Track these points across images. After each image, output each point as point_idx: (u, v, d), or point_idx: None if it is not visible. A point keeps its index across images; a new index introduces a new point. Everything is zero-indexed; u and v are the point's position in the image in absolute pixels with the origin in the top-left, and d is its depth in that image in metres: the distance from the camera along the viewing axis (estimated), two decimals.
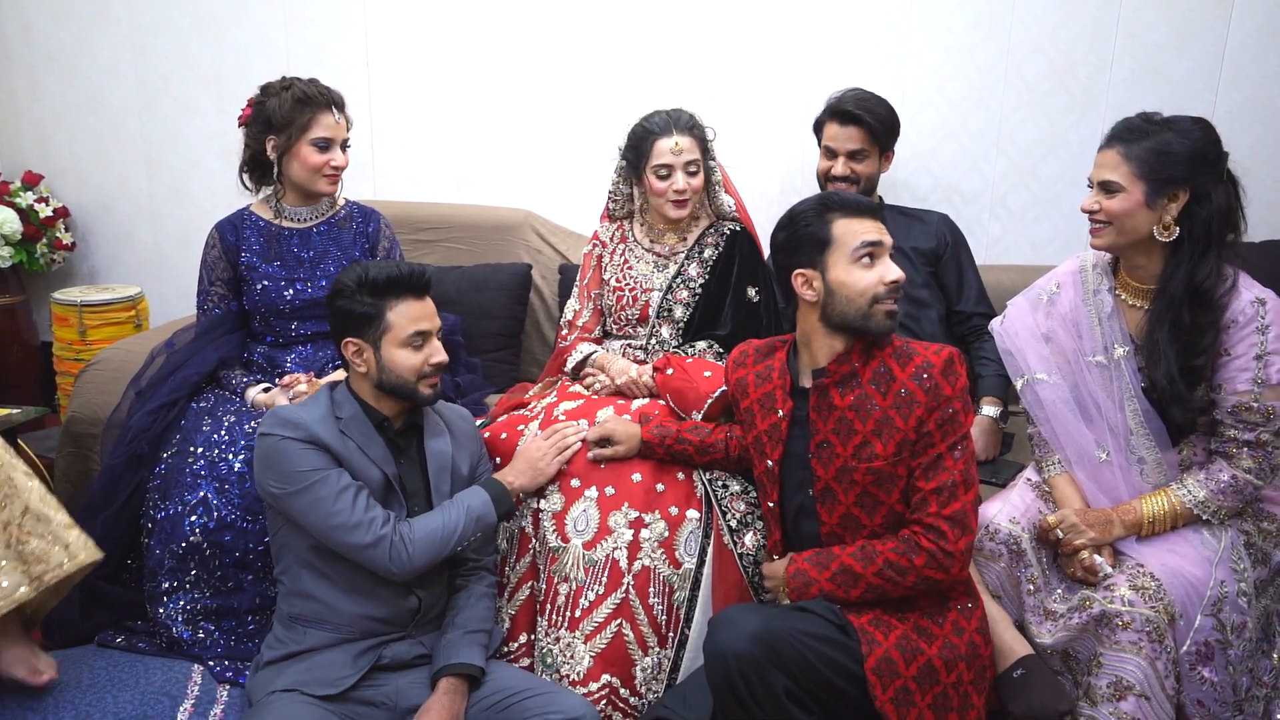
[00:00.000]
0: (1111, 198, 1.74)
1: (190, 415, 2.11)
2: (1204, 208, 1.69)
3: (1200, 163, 1.69)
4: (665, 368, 2.14)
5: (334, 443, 1.70)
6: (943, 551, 1.58)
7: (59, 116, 3.29)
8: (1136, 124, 1.74)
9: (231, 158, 3.09)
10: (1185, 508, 1.74)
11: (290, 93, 2.18)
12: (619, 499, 1.92)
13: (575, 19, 2.90)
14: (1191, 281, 1.70)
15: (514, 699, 1.70)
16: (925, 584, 1.60)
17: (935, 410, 1.59)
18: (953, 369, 1.61)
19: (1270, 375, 1.66)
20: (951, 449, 1.60)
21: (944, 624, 1.63)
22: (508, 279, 2.75)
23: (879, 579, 1.60)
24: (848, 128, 2.42)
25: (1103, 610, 1.67)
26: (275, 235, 2.26)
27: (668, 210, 2.23)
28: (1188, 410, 1.73)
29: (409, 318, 1.72)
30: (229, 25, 3.11)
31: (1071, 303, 1.87)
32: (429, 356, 1.73)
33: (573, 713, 1.66)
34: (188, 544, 1.92)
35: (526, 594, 1.96)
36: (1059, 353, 1.87)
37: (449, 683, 1.68)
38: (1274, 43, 2.51)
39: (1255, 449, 1.70)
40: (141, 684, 1.76)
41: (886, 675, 1.55)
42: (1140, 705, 1.62)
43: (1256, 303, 1.69)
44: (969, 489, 1.60)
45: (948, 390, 1.60)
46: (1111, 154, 1.74)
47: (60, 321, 2.90)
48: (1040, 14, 2.62)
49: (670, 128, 2.19)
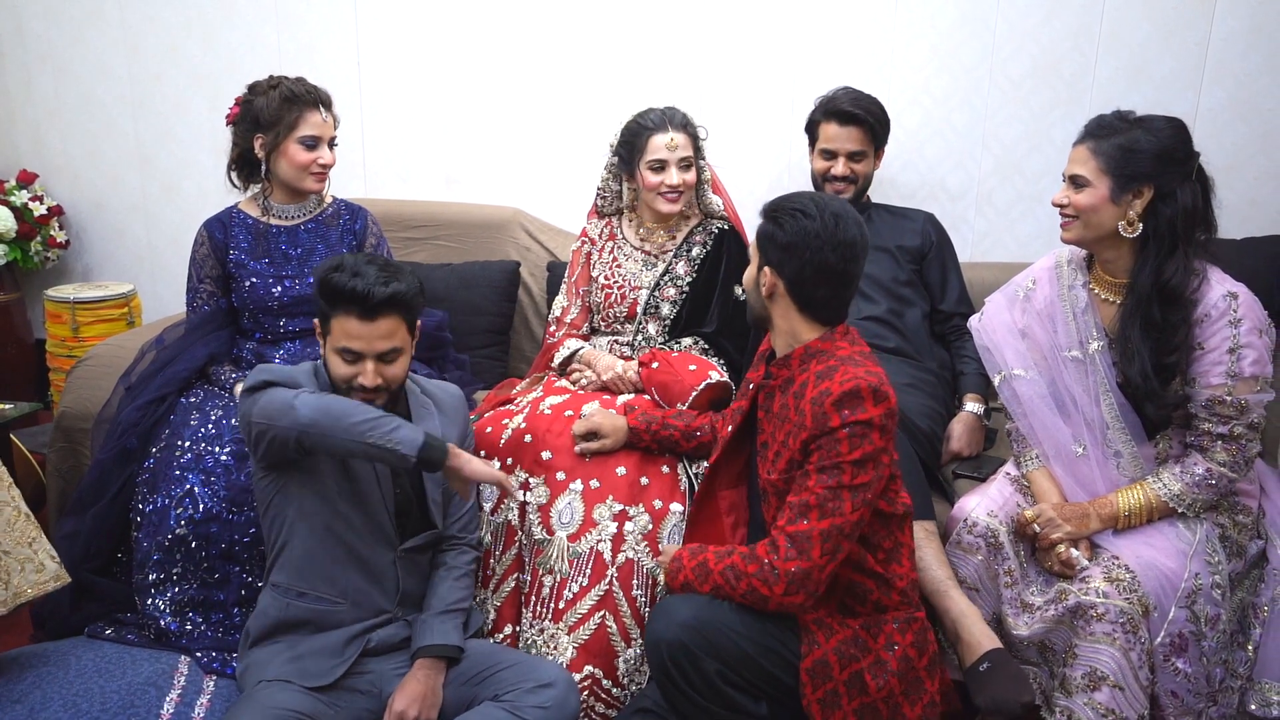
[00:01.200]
0: (1079, 192, 1.76)
1: (179, 410, 2.13)
2: (1169, 206, 1.71)
3: (1167, 161, 1.71)
4: (650, 362, 2.16)
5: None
6: (770, 566, 1.54)
7: (52, 115, 3.31)
8: (1109, 121, 1.76)
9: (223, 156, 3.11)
10: (1161, 501, 1.76)
11: (278, 91, 2.20)
12: (603, 492, 1.94)
13: (564, 19, 2.92)
14: (1159, 279, 1.72)
15: (490, 670, 1.73)
16: (753, 596, 1.55)
17: (818, 437, 1.55)
18: (851, 402, 1.52)
19: (1243, 368, 1.68)
20: (820, 470, 1.53)
21: (879, 637, 1.61)
22: (496, 276, 2.77)
23: (721, 578, 1.58)
24: (847, 128, 2.43)
25: (1078, 602, 1.69)
26: (263, 233, 2.28)
27: (659, 205, 2.25)
28: (1162, 406, 1.74)
29: (344, 331, 1.69)
30: (220, 25, 3.13)
31: (1047, 298, 1.89)
32: (356, 375, 1.70)
33: (544, 678, 1.69)
34: (174, 536, 1.94)
35: (511, 586, 1.98)
36: (1035, 348, 1.89)
37: (426, 661, 1.72)
38: (1256, 41, 2.52)
39: (1229, 442, 1.72)
40: (129, 674, 1.77)
41: (819, 677, 1.56)
42: (1114, 696, 1.64)
43: (1228, 297, 1.70)
44: (824, 518, 1.52)
45: (834, 421, 1.53)
46: (1082, 149, 1.77)
47: (54, 318, 2.93)
48: (1024, 12, 2.63)
49: (666, 124, 2.21)
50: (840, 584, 1.62)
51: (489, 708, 1.67)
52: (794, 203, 1.63)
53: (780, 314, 1.65)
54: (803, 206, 1.61)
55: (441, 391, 1.92)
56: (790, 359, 1.65)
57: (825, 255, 1.58)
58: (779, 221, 1.62)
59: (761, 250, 1.65)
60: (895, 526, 1.65)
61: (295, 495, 1.73)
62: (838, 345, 1.62)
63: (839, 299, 1.64)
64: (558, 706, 1.67)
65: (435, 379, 2.02)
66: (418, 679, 1.70)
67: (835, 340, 1.63)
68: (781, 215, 1.62)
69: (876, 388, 1.53)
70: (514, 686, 1.68)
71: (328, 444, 1.63)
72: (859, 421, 1.51)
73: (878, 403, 1.53)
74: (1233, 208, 2.60)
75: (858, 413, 1.52)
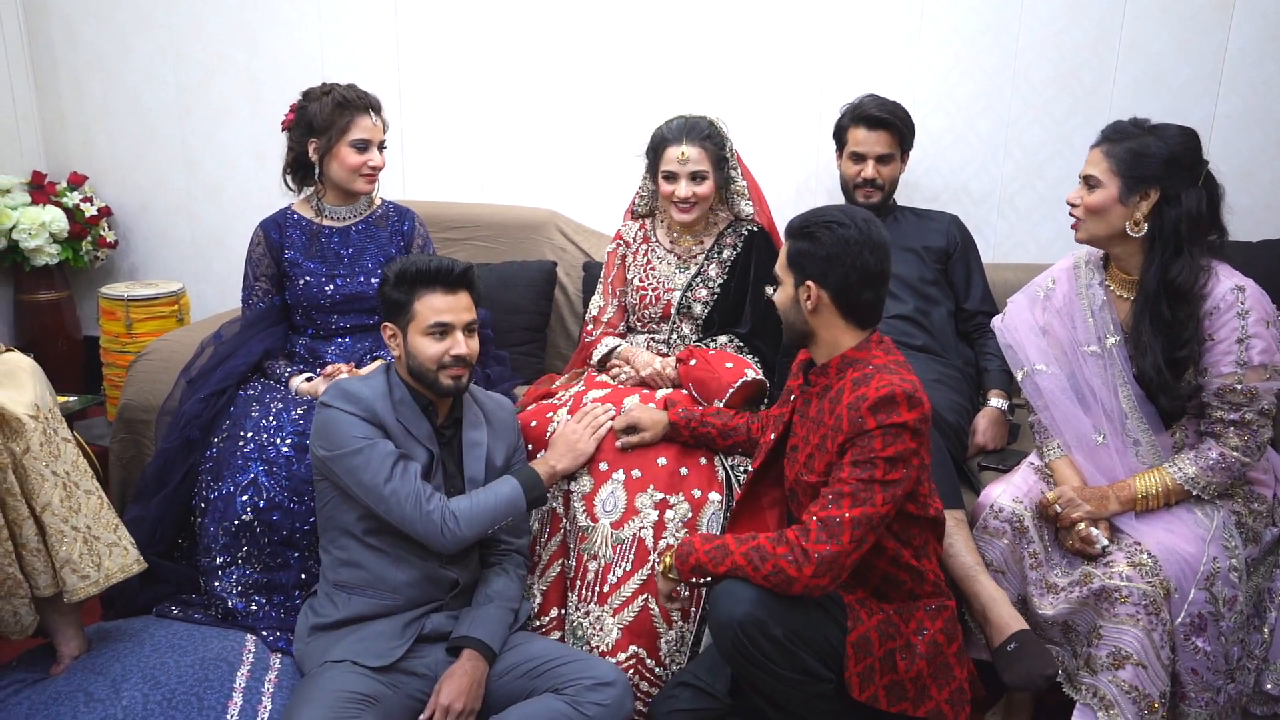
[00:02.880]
0: (1091, 192, 1.86)
1: (239, 402, 2.22)
2: (1173, 208, 1.80)
3: (1174, 166, 1.80)
4: (688, 359, 2.24)
5: (387, 419, 1.82)
6: (800, 549, 1.58)
7: (101, 119, 3.42)
8: (1124, 126, 1.86)
9: (266, 159, 3.24)
10: (1177, 484, 1.84)
11: (330, 97, 2.28)
12: (645, 481, 2.03)
13: (598, 27, 3.01)
14: (1165, 277, 1.81)
15: (547, 666, 1.81)
16: (778, 577, 1.58)
17: (854, 438, 1.61)
18: (886, 407, 1.59)
19: (1252, 357, 1.76)
20: (854, 464, 1.60)
21: (910, 622, 1.68)
22: (534, 276, 2.86)
23: (744, 559, 1.61)
24: (876, 132, 2.51)
25: (1102, 585, 1.78)
26: (316, 233, 2.37)
27: (672, 213, 2.33)
28: (1175, 398, 1.83)
29: (432, 308, 1.82)
30: (264, 32, 3.23)
31: (1066, 296, 1.98)
32: (449, 348, 1.83)
33: (604, 677, 1.77)
34: (239, 522, 2.04)
35: (557, 571, 2.07)
36: (1055, 344, 1.98)
37: (471, 653, 1.80)
38: (1271, 50, 2.59)
39: (1241, 428, 1.80)
40: (200, 651, 1.86)
41: (862, 651, 1.63)
42: (1138, 674, 1.72)
43: (1236, 290, 1.79)
44: (856, 506, 1.57)
45: (870, 424, 1.59)
46: (1097, 152, 1.87)
47: (108, 315, 3.03)
48: (1045, 20, 2.71)
49: (681, 137, 2.26)
50: (876, 574, 1.70)
51: (550, 699, 1.75)
52: (824, 216, 1.69)
53: (824, 325, 1.70)
54: (835, 218, 1.67)
55: (493, 403, 2.02)
56: (829, 367, 1.72)
57: (866, 258, 1.65)
58: (815, 237, 1.68)
59: (797, 268, 1.70)
60: (927, 528, 1.72)
61: (349, 502, 1.83)
62: (873, 354, 1.69)
63: (879, 299, 1.71)
64: (615, 705, 1.75)
65: (478, 379, 2.12)
66: (464, 670, 1.78)
67: (871, 349, 1.70)
68: (816, 230, 1.68)
69: (911, 394, 1.60)
70: (573, 681, 1.76)
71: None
72: (893, 424, 1.58)
73: (912, 408, 1.60)
74: (1248, 211, 2.68)
75: (893, 417, 1.58)
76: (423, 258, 1.85)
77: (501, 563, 1.97)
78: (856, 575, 1.70)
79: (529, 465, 1.98)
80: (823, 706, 1.65)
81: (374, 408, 1.82)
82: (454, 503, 1.82)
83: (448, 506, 1.81)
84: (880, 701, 1.63)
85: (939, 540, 1.78)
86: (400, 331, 1.85)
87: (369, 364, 2.31)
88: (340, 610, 1.84)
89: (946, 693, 1.68)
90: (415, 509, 1.77)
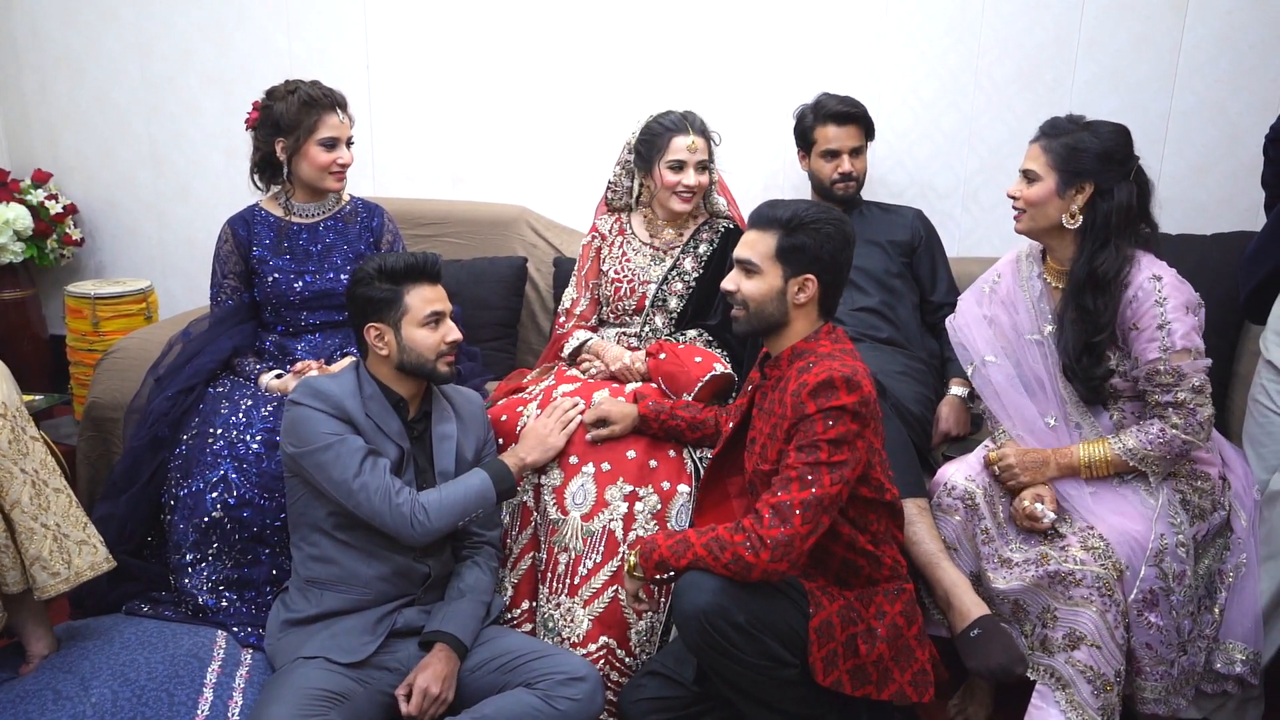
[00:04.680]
0: (1030, 185, 1.92)
1: (208, 399, 2.22)
2: (1106, 202, 1.87)
3: (1107, 161, 1.87)
4: (658, 353, 2.27)
5: (357, 415, 1.83)
6: (755, 535, 1.60)
7: (67, 116, 3.39)
8: (1061, 123, 1.93)
9: (235, 157, 3.23)
10: (1115, 454, 1.90)
11: (296, 96, 2.28)
12: (614, 474, 2.05)
13: (568, 23, 3.02)
14: (1090, 266, 1.87)
15: (520, 660, 1.82)
16: (737, 564, 1.60)
17: (797, 423, 1.65)
18: (825, 391, 1.63)
19: (1174, 341, 1.83)
20: (799, 449, 1.63)
21: (869, 607, 1.72)
22: (505, 272, 2.87)
23: (704, 549, 1.63)
24: (846, 127, 2.58)
25: (1057, 569, 1.83)
26: (285, 230, 2.37)
27: (673, 203, 2.37)
28: (1088, 381, 1.91)
29: (424, 300, 1.86)
30: (233, 29, 3.21)
31: (1009, 288, 2.05)
32: (445, 335, 1.87)
33: (576, 672, 1.78)
34: (210, 519, 2.04)
35: (528, 564, 2.09)
36: (1002, 334, 2.04)
37: (443, 647, 1.81)
38: (1224, 49, 2.66)
39: (1178, 408, 1.86)
40: (170, 647, 1.85)
41: (824, 636, 1.66)
42: (1092, 654, 1.77)
43: (1153, 279, 1.86)
44: (804, 489, 1.60)
45: (810, 409, 1.63)
46: (1035, 147, 1.93)
47: (74, 313, 3.00)
48: (1007, 19, 2.76)
49: (688, 127, 2.34)
50: (835, 561, 1.74)
51: (522, 693, 1.76)
52: (813, 212, 1.72)
53: (803, 316, 1.75)
54: (825, 214, 1.72)
55: (461, 397, 2.03)
56: (780, 360, 1.77)
57: (848, 254, 1.75)
58: (815, 232, 1.70)
59: (789, 263, 1.72)
60: (884, 514, 1.76)
61: (320, 498, 1.84)
62: (820, 344, 1.73)
63: (842, 290, 1.80)
64: (588, 700, 1.76)
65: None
66: (439, 660, 1.80)
67: (820, 339, 1.74)
68: (814, 225, 1.71)
69: (849, 378, 1.63)
70: (546, 676, 1.77)
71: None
72: (833, 407, 1.62)
73: (851, 391, 1.63)
74: (1202, 205, 2.75)
75: (832, 400, 1.62)
76: (401, 254, 1.88)
77: (474, 555, 1.98)
78: (817, 563, 1.73)
79: (498, 458, 2.00)
80: (789, 693, 1.68)
81: (344, 404, 1.83)
82: (423, 495, 1.84)
83: (417, 499, 1.82)
84: (845, 686, 1.67)
85: (899, 527, 1.82)
86: (391, 328, 1.85)
87: (339, 360, 2.32)
88: (313, 605, 1.85)
89: (909, 675, 1.71)
90: (384, 503, 1.78)
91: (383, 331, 1.86)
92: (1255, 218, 2.70)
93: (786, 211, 1.73)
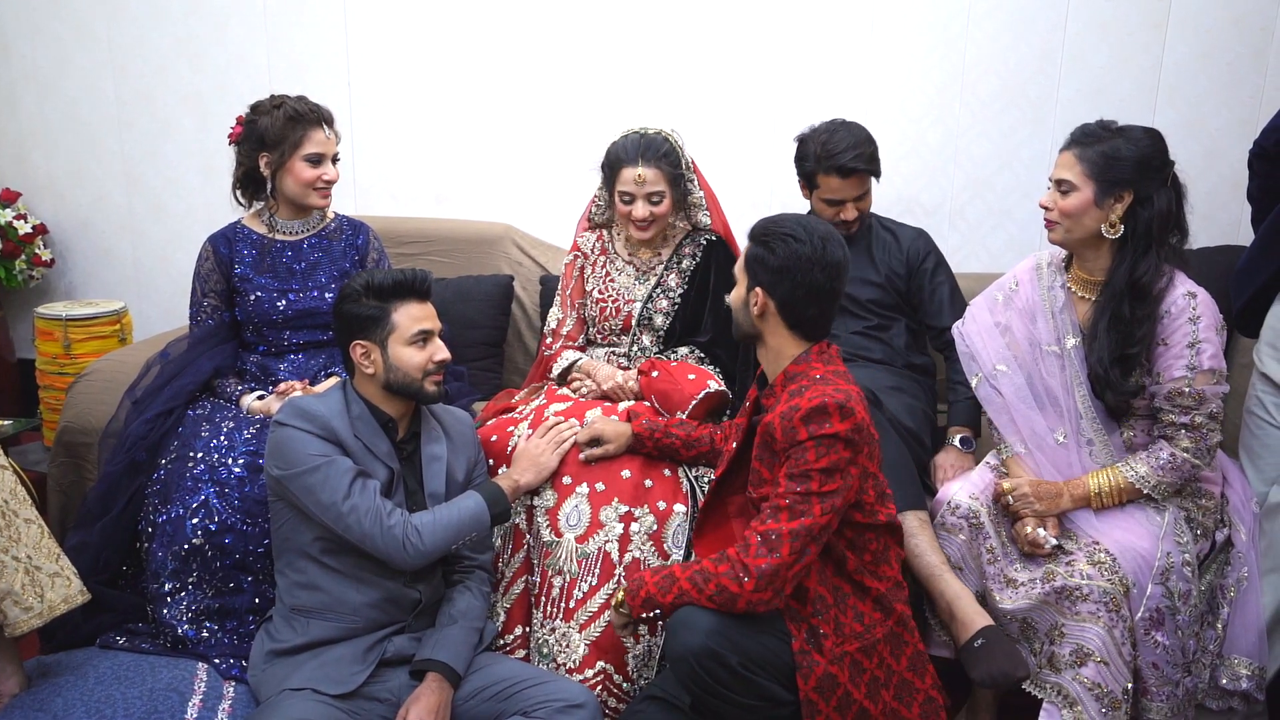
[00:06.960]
0: (1065, 196, 1.90)
1: (188, 422, 2.15)
2: (1146, 209, 1.86)
3: (1145, 168, 1.86)
4: (650, 371, 2.24)
5: (345, 436, 1.78)
6: (741, 564, 1.58)
7: (36, 134, 3.32)
8: (1093, 130, 1.91)
9: (212, 175, 3.17)
10: (1128, 482, 1.89)
11: (282, 111, 2.25)
12: (609, 494, 2.01)
13: (553, 40, 3.01)
14: (1132, 276, 1.86)
15: (515, 688, 1.77)
16: (722, 596, 1.58)
17: (788, 449, 1.62)
18: (817, 417, 1.59)
19: (1202, 361, 1.82)
20: (789, 477, 1.60)
21: (864, 672, 1.66)
22: (490, 290, 2.83)
23: (689, 583, 1.61)
24: (849, 179, 2.38)
25: (1064, 584, 1.81)
26: (268, 248, 2.32)
27: (630, 231, 2.33)
28: (1119, 394, 1.89)
29: (412, 318, 1.81)
30: (210, 45, 3.17)
31: (1028, 297, 2.02)
32: (432, 354, 1.83)
33: (574, 699, 1.74)
34: (190, 546, 1.97)
35: (521, 588, 2.03)
36: (1015, 344, 2.02)
37: (435, 676, 1.75)
38: (1204, 66, 2.70)
39: (1191, 431, 1.85)
40: (149, 681, 1.79)
41: (827, 692, 1.61)
42: (1100, 670, 1.75)
43: (1188, 296, 1.86)
44: (794, 519, 1.57)
45: (801, 435, 1.60)
46: (1068, 155, 1.91)
47: (44, 336, 2.92)
48: (992, 36, 2.79)
49: (638, 158, 2.22)
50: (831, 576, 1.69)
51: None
52: (783, 227, 1.69)
53: (770, 331, 1.73)
54: (792, 230, 1.68)
55: (451, 418, 1.99)
56: (775, 386, 1.73)
57: (815, 276, 1.66)
58: (770, 246, 1.68)
59: (751, 273, 1.71)
60: (883, 534, 1.72)
61: (306, 523, 1.79)
62: (812, 367, 1.69)
63: (826, 316, 1.72)
64: None
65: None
66: (431, 690, 1.73)
67: (811, 362, 1.70)
68: (772, 239, 1.68)
69: (842, 404, 1.60)
70: (543, 704, 1.72)
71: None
72: (825, 435, 1.59)
73: (844, 418, 1.60)
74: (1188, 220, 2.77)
75: (824, 427, 1.59)
76: (389, 271, 1.84)
77: (465, 580, 1.93)
78: (810, 602, 1.68)
79: (492, 480, 1.95)
80: None
81: (331, 425, 1.77)
82: (416, 517, 1.78)
83: (410, 521, 1.77)
84: None
85: (899, 544, 1.79)
86: (378, 346, 1.81)
87: (323, 380, 2.27)
88: (299, 635, 1.78)
89: (916, 709, 1.68)
90: (375, 525, 1.73)
91: (369, 350, 1.81)
92: (1236, 232, 2.74)
93: (762, 223, 1.73)
